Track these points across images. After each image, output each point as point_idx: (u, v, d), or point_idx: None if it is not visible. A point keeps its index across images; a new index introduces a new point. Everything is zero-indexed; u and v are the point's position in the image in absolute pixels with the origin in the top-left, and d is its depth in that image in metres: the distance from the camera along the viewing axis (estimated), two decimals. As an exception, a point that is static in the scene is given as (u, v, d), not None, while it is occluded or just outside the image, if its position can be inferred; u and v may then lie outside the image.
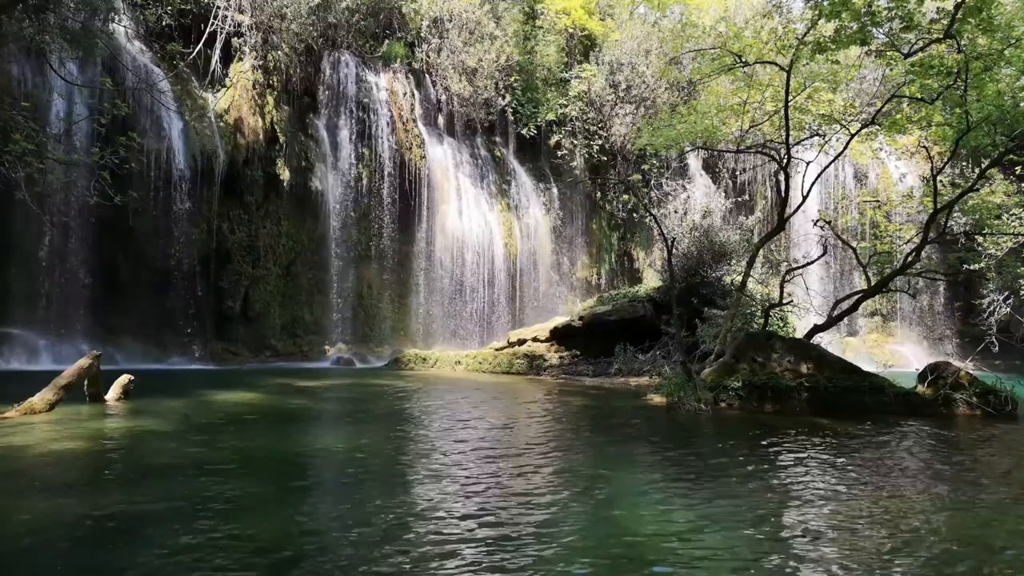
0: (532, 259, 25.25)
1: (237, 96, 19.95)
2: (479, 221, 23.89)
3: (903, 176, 24.41)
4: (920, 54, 10.88)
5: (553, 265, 26.09)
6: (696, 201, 23.36)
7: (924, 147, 15.43)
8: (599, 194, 27.52)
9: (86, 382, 8.83)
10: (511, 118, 25.83)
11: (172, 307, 18.19)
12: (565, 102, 26.15)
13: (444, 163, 23.93)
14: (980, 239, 18.76)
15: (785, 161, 12.82)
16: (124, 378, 9.53)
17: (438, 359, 18.52)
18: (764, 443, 7.34)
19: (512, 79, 25.33)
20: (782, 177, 13.41)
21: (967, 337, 24.03)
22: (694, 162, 28.22)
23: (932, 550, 3.92)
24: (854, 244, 15.76)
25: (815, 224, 15.80)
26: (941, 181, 15.06)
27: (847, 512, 4.63)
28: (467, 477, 5.47)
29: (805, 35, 11.29)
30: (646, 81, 26.21)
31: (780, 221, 13.79)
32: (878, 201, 25.90)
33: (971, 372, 10.97)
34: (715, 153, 25.20)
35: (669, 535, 4.07)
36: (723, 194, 27.43)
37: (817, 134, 13.92)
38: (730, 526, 4.26)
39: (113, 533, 3.95)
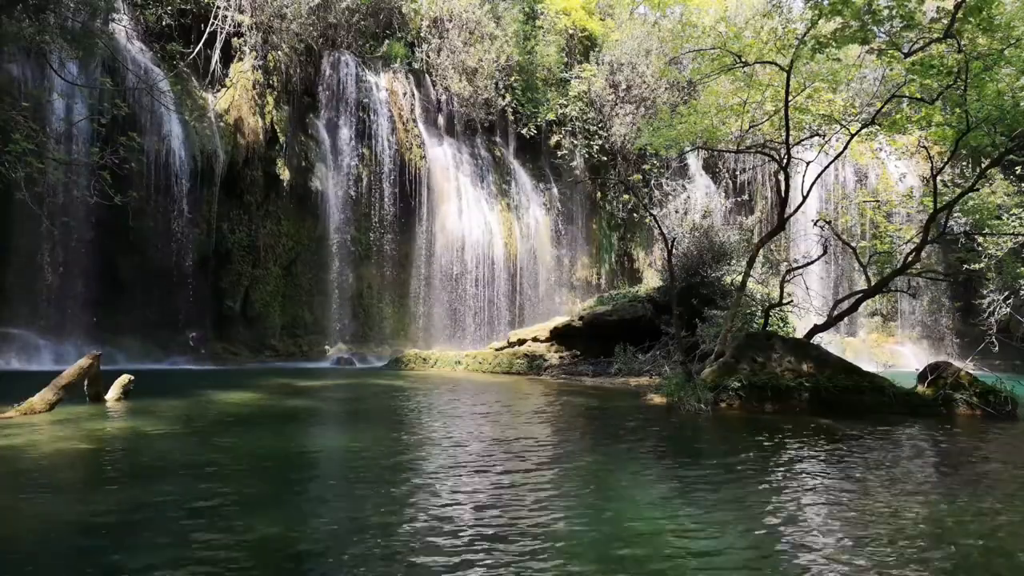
0: (532, 259, 25.25)
1: (237, 96, 19.95)
2: (479, 221, 23.89)
3: (903, 176, 24.40)
4: (920, 54, 10.88)
5: (553, 265, 26.09)
6: (696, 201, 23.38)
7: (924, 147, 15.43)
8: (599, 194, 27.51)
9: (86, 382, 8.83)
10: (511, 118, 25.82)
11: (172, 307, 18.19)
12: (565, 102, 26.15)
13: (444, 163, 23.92)
14: (980, 239, 18.77)
15: (785, 161, 12.81)
16: (124, 378, 9.53)
17: (438, 359, 18.51)
18: (765, 443, 7.34)
19: (512, 79, 25.32)
20: (782, 177, 13.40)
21: (967, 337, 24.02)
22: (694, 162, 28.22)
23: (934, 549, 3.91)
24: (854, 244, 15.76)
25: (815, 224, 15.79)
26: (941, 181, 15.08)
27: (848, 512, 4.63)
28: (467, 476, 5.47)
29: (805, 35, 11.28)
30: (646, 81, 26.21)
31: (780, 221, 13.78)
32: (878, 201, 25.91)
33: (971, 372, 10.96)
34: (715, 153, 25.20)
35: (670, 534, 4.06)
36: (723, 194, 27.46)
37: (817, 134, 13.91)
38: (732, 526, 4.26)
39: (113, 533, 3.94)
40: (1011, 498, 5.19)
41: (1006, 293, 20.98)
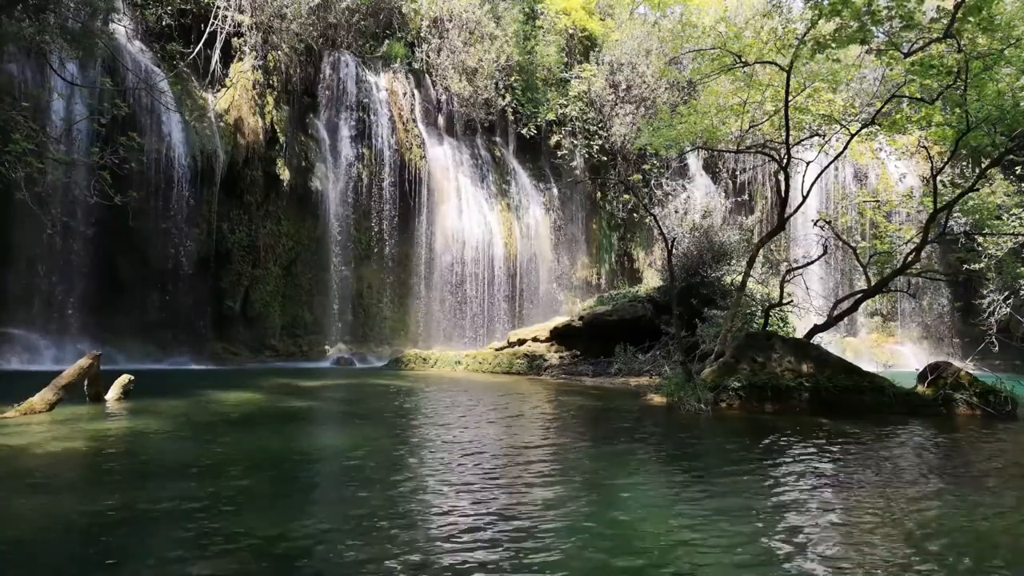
0: (532, 259, 25.25)
1: (237, 96, 19.96)
2: (479, 221, 23.90)
3: (903, 176, 24.41)
4: (920, 54, 10.88)
5: (553, 265, 26.09)
6: (696, 201, 23.35)
7: (924, 147, 15.42)
8: (599, 194, 27.52)
9: (86, 382, 8.82)
10: (511, 118, 25.83)
11: (172, 307, 18.19)
12: (565, 102, 26.15)
13: (444, 163, 23.93)
14: (980, 239, 18.77)
15: (785, 161, 12.81)
16: (124, 378, 9.53)
17: (438, 359, 18.52)
18: (765, 443, 7.34)
19: (512, 79, 25.33)
20: (782, 177, 13.40)
21: (967, 337, 24.03)
22: (694, 162, 28.23)
23: (934, 550, 3.91)
24: (854, 244, 15.75)
25: (815, 224, 15.79)
26: (941, 181, 15.06)
27: (850, 512, 4.63)
28: (467, 476, 5.47)
29: (805, 35, 11.28)
30: (646, 81, 26.22)
31: (780, 221, 13.78)
32: (878, 201, 25.92)
33: (971, 372, 10.96)
34: (715, 153, 25.21)
35: (670, 535, 4.06)
36: (723, 194, 27.46)
37: (817, 134, 13.90)
38: (732, 527, 4.25)
39: (113, 533, 3.94)
40: (1014, 498, 5.19)
41: (1006, 293, 20.99)
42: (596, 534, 4.05)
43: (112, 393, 9.27)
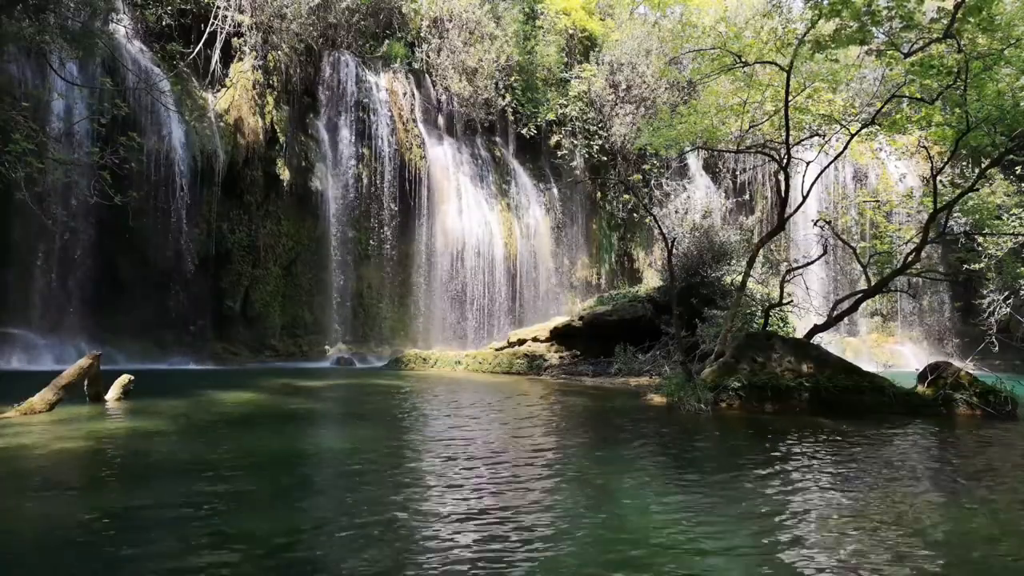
0: (532, 259, 25.26)
1: (237, 96, 19.96)
2: (479, 221, 23.90)
3: (903, 176, 24.42)
4: (920, 54, 10.88)
5: (553, 265, 26.10)
6: (696, 201, 23.35)
7: (924, 147, 15.43)
8: (599, 194, 27.53)
9: (86, 382, 8.83)
10: (511, 118, 25.83)
11: (172, 307, 18.19)
12: (565, 102, 26.16)
13: (444, 163, 23.94)
14: (980, 239, 18.78)
15: (785, 161, 12.81)
16: (124, 378, 9.53)
17: (438, 359, 18.51)
18: (765, 443, 7.34)
19: (512, 79, 25.34)
20: (782, 177, 13.40)
21: (967, 337, 24.03)
22: (694, 162, 28.24)
23: (934, 550, 3.91)
24: (854, 244, 15.76)
25: (815, 224, 15.80)
26: (941, 181, 15.07)
27: (850, 513, 4.63)
28: (467, 477, 5.47)
29: (805, 35, 11.28)
30: (646, 81, 26.23)
31: (780, 221, 13.78)
32: (878, 201, 25.92)
33: (971, 372, 10.95)
34: (715, 153, 25.21)
35: (670, 535, 4.06)
36: (723, 194, 27.47)
37: (817, 134, 13.91)
38: (733, 527, 4.26)
39: (113, 533, 3.94)
40: (1013, 498, 5.19)
41: (1006, 293, 20.99)
42: (597, 535, 4.05)
43: (112, 393, 9.27)
